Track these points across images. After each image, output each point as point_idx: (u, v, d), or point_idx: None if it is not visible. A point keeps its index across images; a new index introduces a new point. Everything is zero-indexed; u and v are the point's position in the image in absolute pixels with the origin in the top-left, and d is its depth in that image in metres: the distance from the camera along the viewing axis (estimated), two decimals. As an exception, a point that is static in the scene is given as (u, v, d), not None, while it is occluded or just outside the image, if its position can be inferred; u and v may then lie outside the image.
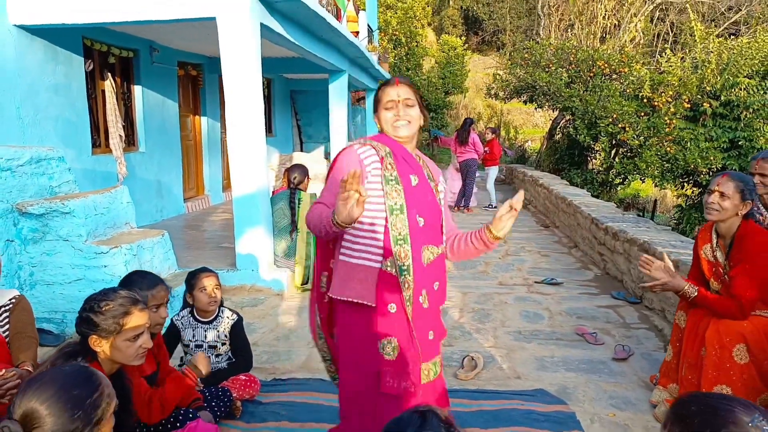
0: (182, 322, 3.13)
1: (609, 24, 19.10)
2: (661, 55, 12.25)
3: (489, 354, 3.77)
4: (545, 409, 3.01)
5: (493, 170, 10.84)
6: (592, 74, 11.60)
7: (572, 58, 11.97)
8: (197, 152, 9.88)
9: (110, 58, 7.21)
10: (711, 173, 10.05)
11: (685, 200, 11.31)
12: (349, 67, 10.33)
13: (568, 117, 12.28)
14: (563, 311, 4.67)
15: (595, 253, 6.33)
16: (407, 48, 19.16)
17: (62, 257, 4.04)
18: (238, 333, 3.17)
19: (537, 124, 24.63)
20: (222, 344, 3.13)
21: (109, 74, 7.14)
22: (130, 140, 7.87)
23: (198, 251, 6.27)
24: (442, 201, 2.20)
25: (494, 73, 14.32)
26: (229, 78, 5.05)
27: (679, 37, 20.79)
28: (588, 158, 12.88)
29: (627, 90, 11.10)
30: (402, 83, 2.11)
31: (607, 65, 11.50)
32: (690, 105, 10.19)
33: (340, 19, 9.37)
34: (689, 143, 9.96)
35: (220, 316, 3.14)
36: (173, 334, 3.12)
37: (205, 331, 3.10)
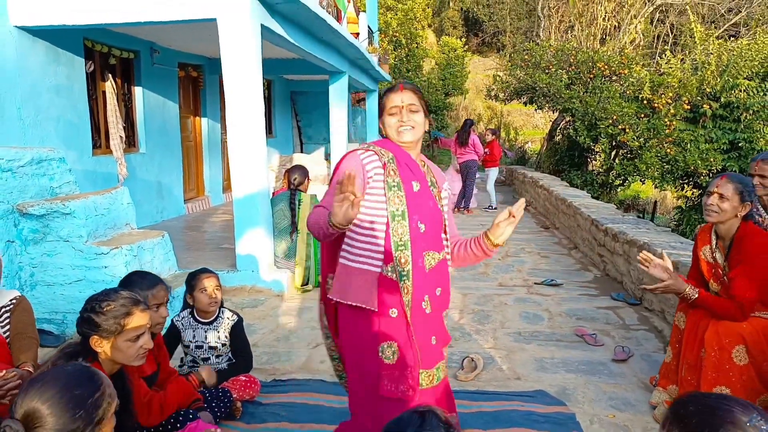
0: (182, 323, 3.13)
1: (609, 26, 19.11)
2: (661, 57, 12.26)
3: (489, 355, 3.78)
4: (545, 410, 3.02)
5: (493, 171, 10.84)
6: (592, 76, 11.60)
7: (572, 60, 11.97)
8: (197, 153, 9.89)
9: (111, 60, 7.22)
10: (711, 175, 10.06)
11: (685, 202, 11.31)
12: (350, 69, 10.34)
13: (568, 118, 12.27)
14: (563, 312, 4.67)
15: (595, 255, 6.33)
16: (407, 49, 19.17)
17: (63, 258, 4.04)
18: (239, 334, 3.18)
19: (537, 126, 24.63)
20: (222, 345, 3.14)
21: (110, 75, 7.15)
22: (131, 141, 7.88)
23: (198, 252, 6.28)
24: (445, 207, 2.20)
25: (494, 75, 14.31)
26: (230, 79, 5.06)
27: (679, 39, 20.81)
28: (588, 160, 12.89)
29: (627, 91, 11.10)
30: (406, 89, 2.11)
31: (607, 67, 11.50)
32: (690, 106, 10.20)
33: (341, 21, 9.38)
34: (689, 145, 9.97)
35: (221, 317, 3.14)
36: (173, 335, 3.12)
37: (206, 332, 3.11)
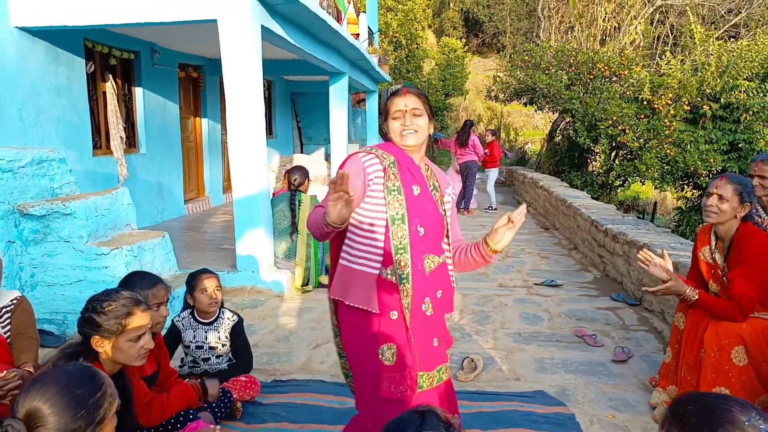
0: (183, 323, 3.13)
1: (609, 26, 19.12)
2: (661, 58, 12.27)
3: (489, 356, 3.78)
4: (545, 411, 3.02)
5: (493, 172, 10.85)
6: (592, 77, 11.61)
7: (572, 61, 11.98)
8: (198, 154, 9.89)
9: (111, 60, 7.23)
10: (711, 175, 10.07)
11: (685, 202, 11.31)
12: (350, 69, 10.35)
13: (568, 119, 12.28)
14: (563, 313, 4.68)
15: (595, 255, 6.34)
16: (407, 50, 19.17)
17: (63, 258, 4.05)
18: (239, 334, 3.18)
19: (537, 126, 24.64)
20: (222, 345, 3.14)
21: (110, 76, 7.16)
22: (131, 142, 7.88)
23: (198, 253, 6.28)
24: (447, 212, 2.20)
25: (494, 76, 14.31)
26: (230, 80, 5.06)
27: (679, 40, 20.82)
28: (588, 160, 12.89)
29: (627, 92, 11.11)
30: (410, 93, 2.12)
31: (607, 68, 11.51)
32: (690, 107, 10.21)
33: (341, 22, 9.39)
34: (689, 145, 9.97)
35: (221, 318, 3.15)
36: (174, 336, 3.13)
37: (206, 333, 3.11)
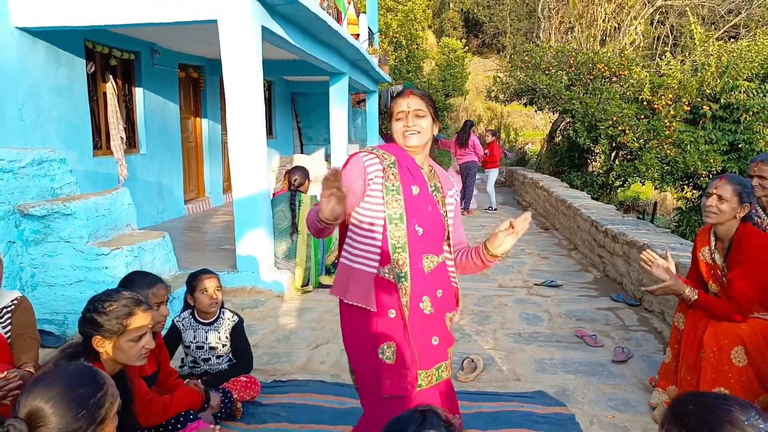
0: (183, 324, 3.14)
1: (609, 27, 19.11)
2: (661, 58, 12.28)
3: (489, 356, 3.79)
4: (545, 411, 3.03)
5: (493, 172, 10.86)
6: (592, 77, 11.61)
7: (572, 61, 11.98)
8: (198, 154, 9.90)
9: (112, 61, 7.23)
10: (711, 176, 10.06)
11: (685, 203, 11.31)
12: (350, 70, 10.35)
13: (568, 119, 12.28)
14: (563, 313, 4.68)
15: (595, 256, 6.34)
16: (408, 50, 19.17)
17: (63, 259, 4.05)
18: (239, 334, 3.19)
19: (537, 127, 24.65)
20: (223, 346, 3.14)
21: (111, 76, 7.16)
22: (131, 142, 7.88)
23: (198, 253, 6.28)
24: (449, 213, 2.20)
25: (494, 76, 14.31)
26: (230, 80, 5.07)
27: (679, 40, 20.82)
28: (588, 161, 12.90)
29: (627, 93, 11.11)
30: (414, 94, 2.13)
31: (607, 68, 11.51)
32: (690, 108, 10.21)
33: (341, 22, 9.40)
34: (689, 146, 9.98)
35: (221, 318, 3.15)
36: (174, 336, 3.13)
37: (206, 333, 3.12)
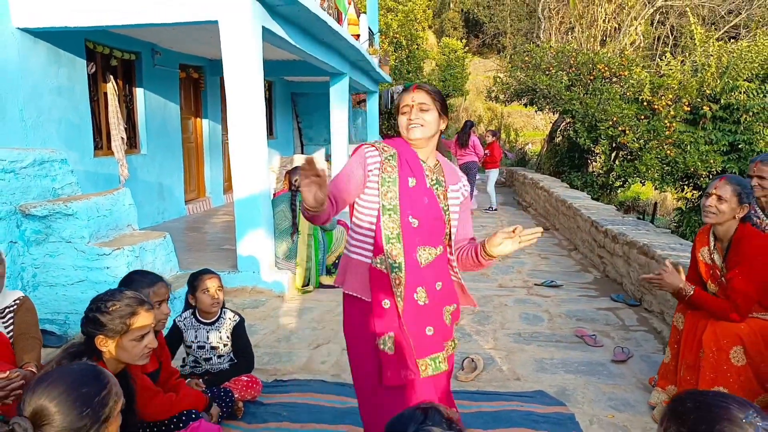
0: (184, 324, 3.15)
1: (609, 27, 19.10)
2: (661, 59, 12.28)
3: (489, 356, 3.80)
4: (544, 411, 3.04)
5: (494, 173, 10.87)
6: (593, 77, 11.61)
7: (572, 61, 11.99)
8: (198, 154, 9.91)
9: (112, 61, 7.24)
10: (711, 176, 10.07)
11: (685, 203, 11.32)
12: (350, 70, 10.36)
13: (569, 120, 12.29)
14: (563, 313, 4.69)
15: (595, 256, 6.35)
16: (408, 51, 19.19)
17: (65, 259, 4.06)
18: (240, 334, 3.20)
19: (537, 127, 24.64)
20: (224, 345, 3.15)
21: (111, 77, 7.17)
22: (132, 142, 7.89)
23: (199, 253, 6.29)
24: (451, 207, 2.20)
25: (495, 76, 14.33)
26: (231, 81, 5.08)
27: (679, 41, 20.82)
28: (588, 161, 12.90)
29: (627, 93, 11.11)
30: (419, 89, 2.15)
31: (608, 68, 11.51)
32: (690, 108, 10.21)
33: (341, 23, 9.42)
34: (689, 146, 9.98)
35: (222, 318, 3.16)
36: (176, 336, 3.14)
37: (208, 333, 3.13)
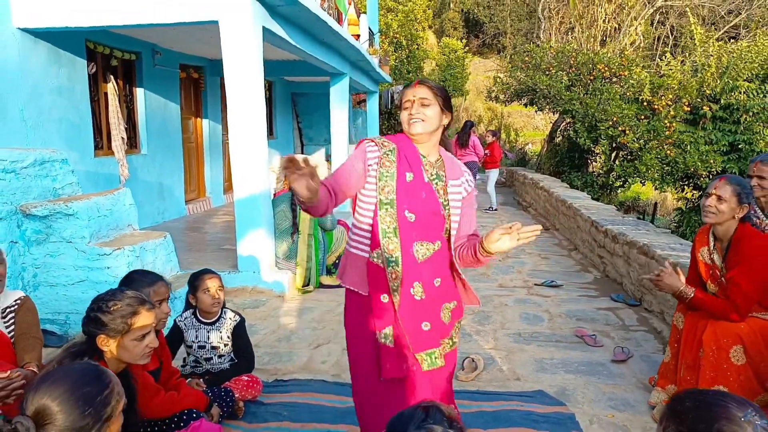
0: (185, 323, 3.15)
1: (609, 27, 19.10)
2: (661, 59, 12.28)
3: (489, 356, 3.80)
4: (545, 410, 3.04)
5: (494, 173, 10.87)
6: (593, 77, 11.62)
7: (572, 62, 11.99)
8: (199, 154, 9.91)
9: (113, 61, 7.25)
10: (711, 176, 10.08)
11: (685, 203, 11.32)
12: (350, 70, 10.36)
13: (569, 120, 12.29)
14: (563, 313, 4.69)
15: (595, 256, 6.36)
16: (408, 51, 19.19)
17: (65, 259, 4.06)
18: (241, 334, 3.20)
19: (537, 127, 24.64)
20: (224, 345, 3.16)
21: (112, 77, 7.18)
22: (132, 142, 7.90)
23: (199, 253, 6.30)
24: (451, 202, 2.17)
25: (495, 76, 14.33)
26: (231, 81, 5.08)
27: (680, 41, 20.83)
28: (588, 161, 12.91)
29: (627, 93, 11.12)
30: (421, 84, 2.17)
31: (608, 68, 11.52)
32: (690, 108, 10.22)
33: (342, 23, 9.42)
34: (689, 146, 9.99)
35: (223, 318, 3.17)
36: (176, 335, 3.14)
37: (208, 332, 3.13)
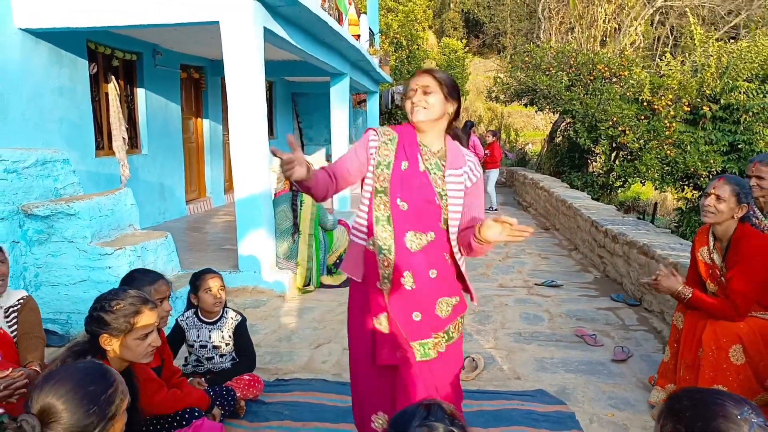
0: (187, 323, 3.16)
1: (609, 27, 19.12)
2: (661, 59, 12.29)
3: (489, 355, 3.81)
4: (545, 410, 3.05)
5: (494, 173, 10.88)
6: (593, 77, 11.63)
7: (572, 62, 12.01)
8: (199, 154, 9.92)
9: (114, 61, 7.26)
10: (711, 176, 10.09)
11: (685, 203, 11.34)
12: (351, 70, 10.37)
13: (569, 120, 12.31)
14: (563, 313, 4.70)
15: (595, 256, 6.37)
16: (408, 51, 19.19)
17: (67, 258, 4.08)
18: (242, 333, 3.21)
19: (537, 127, 24.65)
20: (226, 344, 3.17)
21: (113, 77, 7.18)
22: (133, 143, 7.91)
23: (200, 253, 6.31)
24: (449, 192, 2.11)
25: (495, 76, 14.35)
26: (232, 81, 5.09)
27: (679, 41, 20.85)
28: (588, 161, 12.92)
29: (627, 93, 11.13)
30: (425, 73, 2.17)
31: (608, 68, 11.53)
32: (690, 108, 10.23)
33: (342, 23, 9.42)
34: (689, 146, 10.00)
35: (225, 317, 3.18)
36: (178, 335, 3.16)
37: (210, 332, 3.14)
